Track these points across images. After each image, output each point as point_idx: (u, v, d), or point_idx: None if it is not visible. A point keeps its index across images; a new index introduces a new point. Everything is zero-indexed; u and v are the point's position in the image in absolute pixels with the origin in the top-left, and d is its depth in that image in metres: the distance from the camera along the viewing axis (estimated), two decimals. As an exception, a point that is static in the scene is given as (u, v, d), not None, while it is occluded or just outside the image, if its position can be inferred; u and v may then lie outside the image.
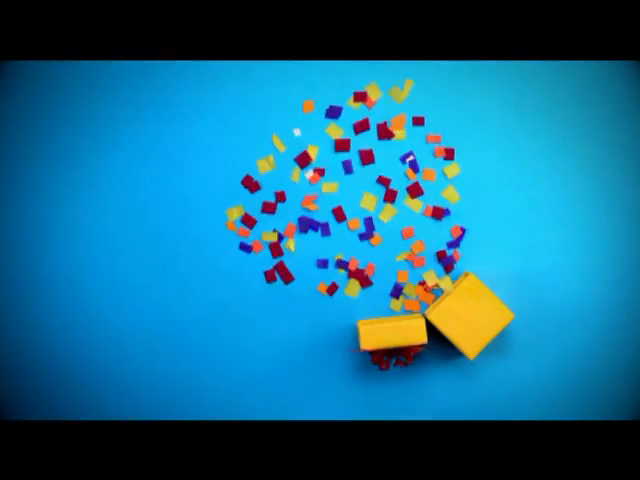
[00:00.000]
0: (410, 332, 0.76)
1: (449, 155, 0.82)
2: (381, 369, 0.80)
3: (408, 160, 0.81)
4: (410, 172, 0.81)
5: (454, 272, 0.82)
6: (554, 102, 0.82)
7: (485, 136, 0.82)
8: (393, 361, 0.81)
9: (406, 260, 0.82)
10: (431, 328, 0.80)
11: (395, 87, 0.81)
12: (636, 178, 0.82)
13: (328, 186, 0.81)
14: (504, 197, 0.82)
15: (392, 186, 0.82)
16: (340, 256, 0.82)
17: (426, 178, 0.82)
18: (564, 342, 0.83)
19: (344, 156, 0.82)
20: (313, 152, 0.81)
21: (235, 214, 0.83)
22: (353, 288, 0.82)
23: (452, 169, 0.82)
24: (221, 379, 0.84)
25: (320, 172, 0.81)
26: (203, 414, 0.84)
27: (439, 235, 0.82)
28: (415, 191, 0.81)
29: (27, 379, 0.84)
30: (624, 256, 0.83)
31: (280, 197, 0.82)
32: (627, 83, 0.81)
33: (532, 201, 0.82)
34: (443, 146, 0.82)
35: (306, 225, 0.81)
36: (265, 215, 0.83)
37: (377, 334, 0.76)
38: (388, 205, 0.81)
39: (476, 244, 0.83)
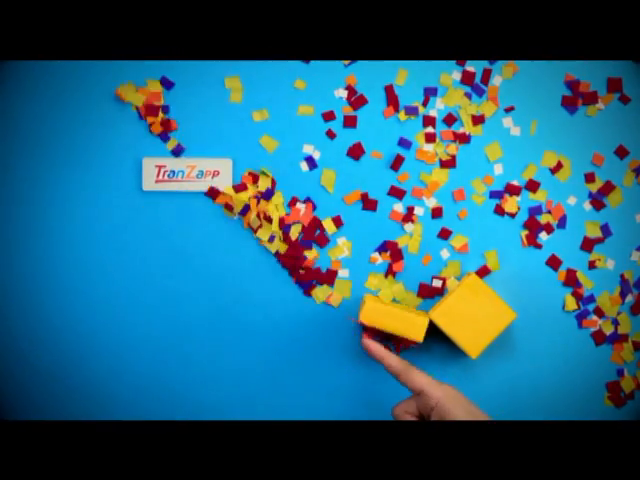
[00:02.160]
0: (410, 326, 0.76)
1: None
2: None
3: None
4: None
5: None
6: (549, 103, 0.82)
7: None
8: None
9: None
10: (434, 327, 0.80)
11: None
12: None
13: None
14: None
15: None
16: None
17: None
18: (564, 342, 0.83)
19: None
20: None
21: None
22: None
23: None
24: (222, 379, 0.84)
25: None
26: (204, 414, 0.84)
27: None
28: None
29: (28, 379, 0.84)
30: (621, 252, 0.83)
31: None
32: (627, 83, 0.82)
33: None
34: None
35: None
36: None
37: (379, 314, 0.76)
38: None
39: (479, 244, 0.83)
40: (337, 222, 0.82)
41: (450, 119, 0.82)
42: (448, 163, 0.82)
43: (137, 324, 0.84)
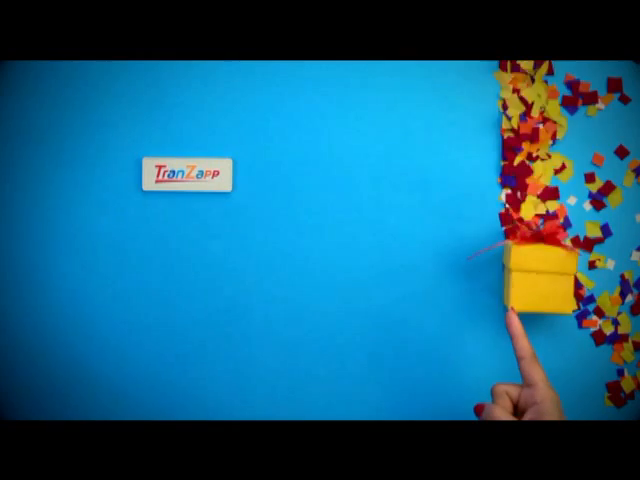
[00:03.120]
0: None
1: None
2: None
3: None
4: None
5: None
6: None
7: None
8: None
9: None
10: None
11: None
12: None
13: None
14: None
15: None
16: None
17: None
18: (565, 342, 0.83)
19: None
20: None
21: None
22: None
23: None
24: (225, 379, 0.84)
25: None
26: (206, 414, 0.84)
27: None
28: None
29: (28, 379, 0.84)
30: (621, 252, 0.82)
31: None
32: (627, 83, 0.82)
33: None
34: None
35: None
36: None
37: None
38: None
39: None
40: None
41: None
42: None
43: (137, 324, 0.84)
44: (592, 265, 0.82)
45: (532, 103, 0.79)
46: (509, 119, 0.79)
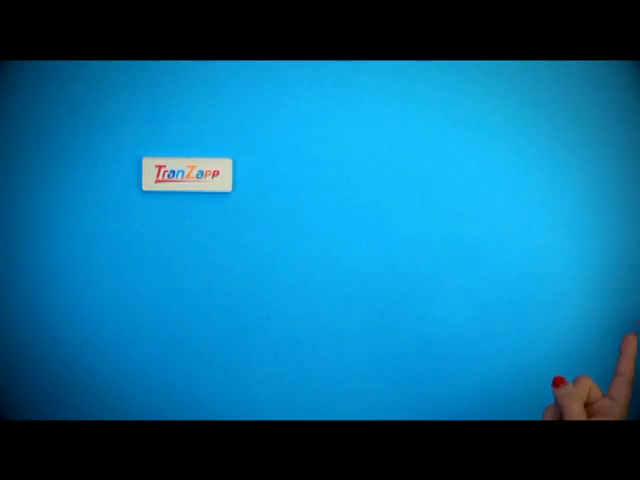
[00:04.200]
0: None
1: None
2: None
3: None
4: None
5: None
6: (553, 103, 0.82)
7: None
8: None
9: None
10: None
11: None
12: (638, 179, 0.82)
13: None
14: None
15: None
16: None
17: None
18: (564, 344, 0.83)
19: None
20: None
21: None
22: None
23: None
24: (225, 379, 0.84)
25: None
26: (206, 414, 0.84)
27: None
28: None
29: (28, 379, 0.84)
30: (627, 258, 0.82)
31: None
32: (627, 83, 0.81)
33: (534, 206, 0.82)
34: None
35: None
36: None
37: None
38: None
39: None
40: None
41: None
42: None
43: (137, 324, 0.84)
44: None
45: None
46: None
